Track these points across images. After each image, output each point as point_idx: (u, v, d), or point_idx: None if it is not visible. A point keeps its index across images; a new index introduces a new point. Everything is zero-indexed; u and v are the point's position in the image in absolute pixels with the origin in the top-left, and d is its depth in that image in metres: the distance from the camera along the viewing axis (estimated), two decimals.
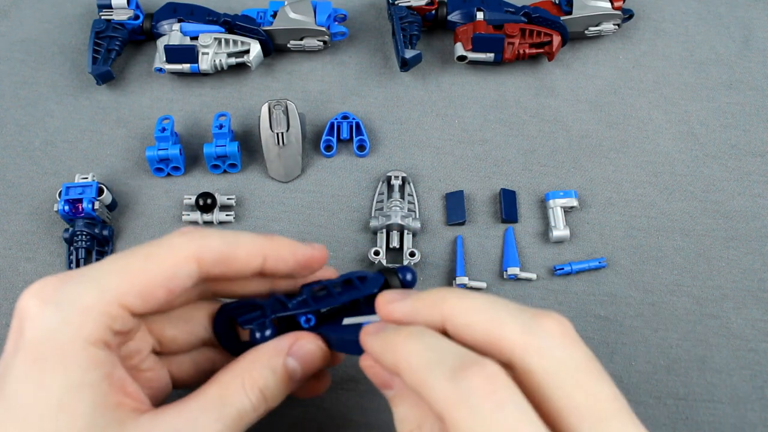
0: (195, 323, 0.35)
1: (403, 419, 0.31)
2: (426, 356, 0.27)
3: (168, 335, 0.34)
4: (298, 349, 0.33)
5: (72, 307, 0.29)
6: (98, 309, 0.29)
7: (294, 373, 0.33)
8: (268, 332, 0.34)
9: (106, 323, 0.29)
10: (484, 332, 0.28)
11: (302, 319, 0.35)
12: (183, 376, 0.36)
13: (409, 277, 0.37)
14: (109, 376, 0.29)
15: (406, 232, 0.49)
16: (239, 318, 0.35)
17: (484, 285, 0.48)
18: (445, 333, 0.29)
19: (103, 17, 0.57)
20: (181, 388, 0.36)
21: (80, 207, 0.48)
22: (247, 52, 0.55)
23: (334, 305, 0.35)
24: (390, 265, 0.37)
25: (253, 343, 0.34)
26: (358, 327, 0.33)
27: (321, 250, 0.35)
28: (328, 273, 0.38)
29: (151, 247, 0.32)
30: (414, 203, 0.51)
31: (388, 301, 0.31)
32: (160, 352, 0.35)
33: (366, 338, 0.31)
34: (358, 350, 0.32)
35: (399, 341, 0.29)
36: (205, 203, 0.50)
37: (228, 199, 0.51)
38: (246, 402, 0.31)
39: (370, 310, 0.33)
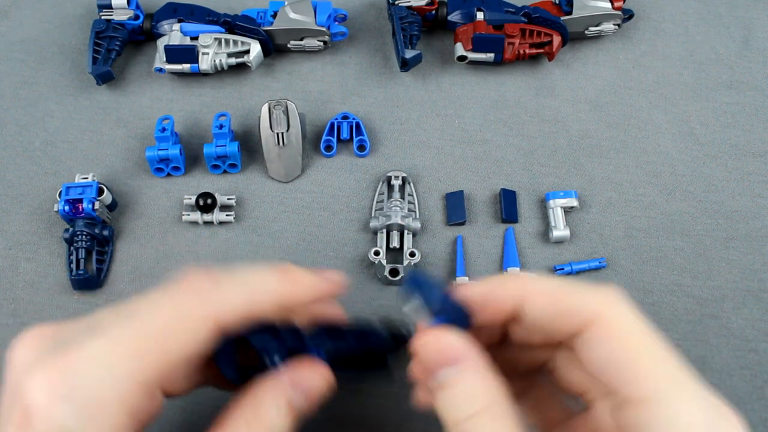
0: (199, 369, 0.34)
1: (469, 396, 0.28)
2: (556, 279, 0.29)
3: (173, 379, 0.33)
4: (302, 382, 0.31)
5: (89, 403, 0.26)
6: (117, 401, 0.26)
7: (299, 406, 0.31)
8: (279, 360, 0.32)
9: (126, 411, 0.26)
10: (562, 295, 0.29)
11: (313, 352, 0.33)
12: (174, 389, 0.34)
13: (404, 331, 0.36)
14: None
15: (406, 232, 0.49)
16: (252, 338, 0.33)
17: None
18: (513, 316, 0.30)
19: (103, 17, 0.57)
20: (169, 398, 0.35)
21: (80, 207, 0.48)
22: (247, 52, 0.55)
23: (350, 349, 0.34)
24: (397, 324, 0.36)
25: (257, 367, 0.32)
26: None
27: (336, 283, 0.33)
28: (336, 311, 0.37)
29: (162, 315, 0.28)
30: (414, 203, 0.51)
31: (462, 285, 0.31)
32: None
33: (466, 288, 0.31)
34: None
35: (519, 275, 0.32)
36: (205, 203, 0.50)
37: (228, 199, 0.51)
38: None
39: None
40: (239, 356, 0.34)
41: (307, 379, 0.31)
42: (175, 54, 0.54)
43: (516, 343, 0.33)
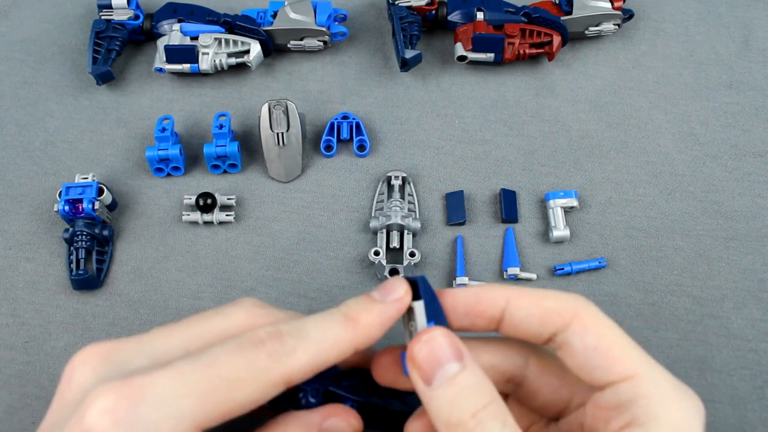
0: None
1: (473, 393, 0.28)
2: (533, 288, 0.32)
3: None
4: (330, 426, 0.31)
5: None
6: None
7: None
8: (314, 400, 0.32)
9: None
10: (546, 296, 0.31)
11: (347, 403, 0.33)
12: None
13: None
14: None
15: (406, 232, 0.49)
16: None
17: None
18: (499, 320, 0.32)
19: (103, 17, 0.57)
20: None
21: (80, 207, 0.48)
22: (247, 52, 0.55)
23: (379, 405, 0.34)
24: None
25: (288, 397, 0.32)
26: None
27: (402, 299, 0.32)
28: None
29: (236, 368, 0.28)
30: (414, 203, 0.51)
31: (448, 290, 0.32)
32: None
33: (453, 291, 0.32)
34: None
35: (503, 285, 0.32)
36: (205, 203, 0.50)
37: (228, 199, 0.51)
38: None
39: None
40: None
41: (338, 425, 0.31)
42: (175, 54, 0.54)
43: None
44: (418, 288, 0.31)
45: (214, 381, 0.27)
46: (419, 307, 0.31)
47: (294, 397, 0.32)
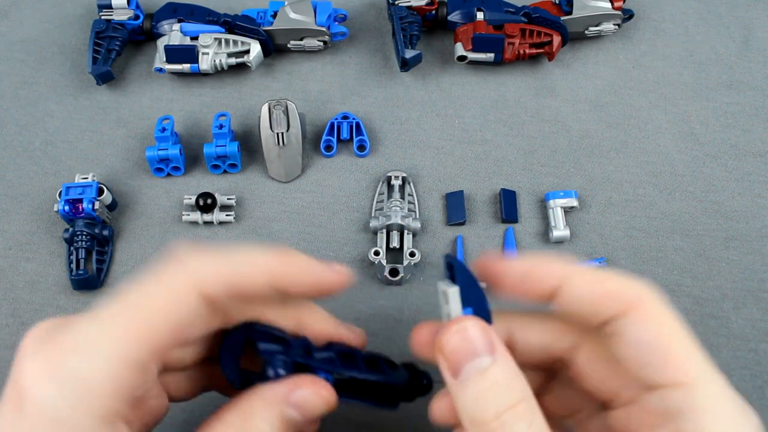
0: (202, 343, 0.33)
1: (504, 389, 0.27)
2: (592, 269, 0.29)
3: (174, 357, 0.32)
4: (298, 397, 0.30)
5: (78, 387, 0.26)
6: (106, 383, 0.26)
7: (293, 421, 0.30)
8: (282, 371, 0.31)
9: (115, 395, 0.26)
10: (606, 278, 0.29)
11: (320, 374, 0.32)
12: (177, 393, 0.34)
13: (425, 381, 0.35)
14: None
15: (406, 232, 0.49)
16: (260, 343, 0.32)
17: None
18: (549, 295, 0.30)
19: (103, 17, 0.57)
20: (175, 402, 0.34)
21: (80, 207, 0.48)
22: (247, 52, 0.55)
23: (357, 377, 0.32)
24: (413, 365, 0.35)
25: (259, 375, 0.31)
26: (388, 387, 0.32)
27: (340, 273, 0.31)
28: (355, 337, 0.35)
29: (149, 289, 0.28)
30: (414, 203, 0.51)
31: (498, 259, 0.31)
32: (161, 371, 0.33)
33: (501, 262, 0.30)
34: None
35: (562, 260, 0.29)
36: (205, 203, 0.50)
37: (228, 199, 0.51)
38: None
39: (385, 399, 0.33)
40: (245, 361, 0.33)
41: (306, 397, 0.30)
42: (175, 54, 0.54)
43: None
44: (455, 272, 0.30)
45: (129, 314, 0.27)
46: (454, 293, 0.29)
47: (263, 373, 0.31)
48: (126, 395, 0.27)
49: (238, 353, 0.32)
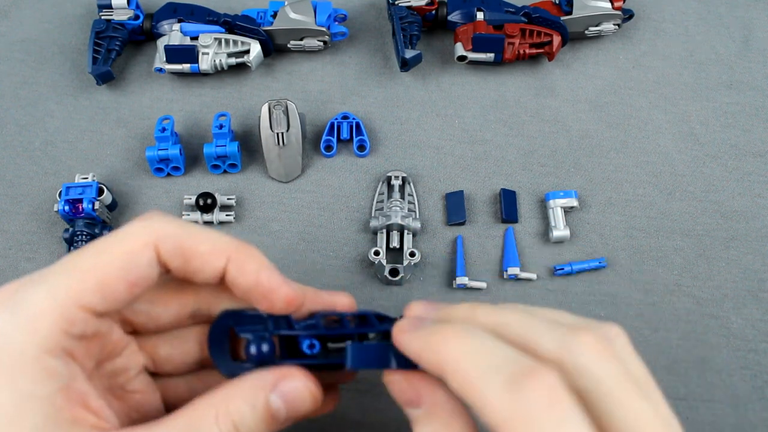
0: (191, 343, 0.33)
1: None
2: (479, 359, 0.25)
3: (162, 353, 0.32)
4: (285, 386, 0.29)
5: (26, 313, 0.27)
6: (52, 313, 0.27)
7: (277, 412, 0.29)
8: (265, 347, 0.31)
9: (62, 328, 0.27)
10: (473, 391, 0.25)
11: (305, 344, 0.32)
12: (177, 400, 0.33)
13: None
14: (66, 388, 0.27)
15: (406, 232, 0.49)
16: (238, 326, 0.32)
17: (484, 285, 0.48)
18: None
19: (103, 17, 0.57)
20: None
21: (80, 207, 0.48)
22: (247, 52, 0.55)
23: (344, 333, 0.32)
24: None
25: (246, 362, 0.31)
26: (382, 337, 0.31)
27: (295, 291, 0.31)
28: (344, 300, 0.34)
29: (106, 239, 0.29)
30: (414, 203, 0.51)
31: (416, 310, 0.30)
32: (154, 373, 0.33)
33: (401, 336, 0.29)
34: (383, 362, 0.30)
35: (446, 339, 0.26)
36: (205, 203, 0.50)
37: (228, 199, 0.51)
38: None
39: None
40: (236, 352, 0.33)
41: (294, 387, 0.30)
42: (175, 54, 0.54)
43: None
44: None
45: (85, 254, 0.29)
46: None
47: (248, 353, 0.31)
48: (74, 331, 0.27)
49: (225, 343, 0.32)
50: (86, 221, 0.48)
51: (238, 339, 0.33)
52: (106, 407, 0.29)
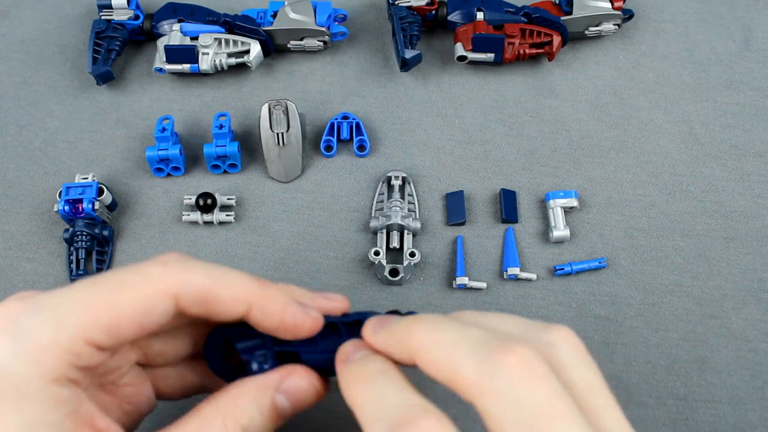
0: (184, 338, 0.33)
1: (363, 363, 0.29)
2: (451, 338, 0.26)
3: (155, 349, 0.33)
4: (289, 385, 0.30)
5: (29, 343, 0.26)
6: (58, 345, 0.26)
7: (283, 410, 0.30)
8: (267, 366, 0.31)
9: (68, 360, 0.27)
10: (445, 371, 0.26)
11: (305, 357, 0.32)
12: (168, 389, 0.34)
13: None
14: (74, 413, 0.27)
15: (406, 232, 0.49)
16: (237, 343, 0.32)
17: (484, 285, 0.48)
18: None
19: (103, 17, 0.57)
20: (166, 400, 0.35)
21: (80, 207, 0.48)
22: (247, 52, 0.55)
23: (341, 342, 0.32)
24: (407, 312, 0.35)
25: (246, 372, 0.32)
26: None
27: (316, 319, 0.31)
28: (340, 304, 0.34)
29: (125, 275, 0.28)
30: (414, 203, 0.51)
31: (369, 331, 0.31)
32: (145, 364, 0.33)
33: (370, 334, 0.30)
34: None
35: (417, 327, 0.28)
36: (205, 203, 0.50)
37: (228, 199, 0.51)
38: None
39: None
40: (232, 357, 0.33)
41: (297, 384, 0.30)
42: (175, 54, 0.54)
43: None
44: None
45: (99, 285, 0.28)
46: None
47: (248, 368, 0.32)
48: (78, 362, 0.27)
49: (221, 352, 0.32)
50: (86, 221, 0.48)
51: (232, 349, 0.33)
52: (112, 424, 0.29)
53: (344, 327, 0.33)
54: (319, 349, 0.32)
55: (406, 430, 0.25)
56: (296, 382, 0.30)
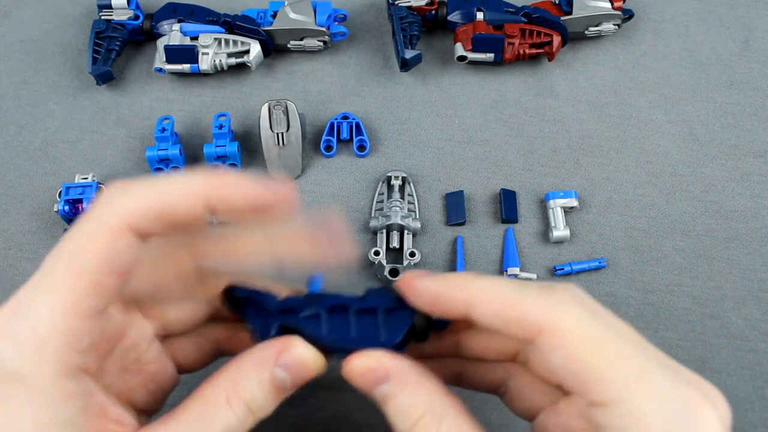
0: (197, 301, 0.33)
1: (408, 407, 0.29)
2: (507, 284, 0.29)
3: (172, 318, 0.32)
4: (286, 358, 0.30)
5: (28, 341, 0.26)
6: (57, 334, 0.26)
7: (283, 383, 0.30)
8: (273, 334, 0.32)
9: (71, 347, 0.26)
10: (509, 305, 0.28)
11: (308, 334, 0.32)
12: (188, 361, 0.34)
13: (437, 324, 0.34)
14: (86, 407, 0.27)
15: (406, 232, 0.49)
16: (245, 312, 0.33)
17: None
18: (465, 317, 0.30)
19: (103, 17, 0.57)
20: (187, 373, 0.35)
21: (80, 207, 0.48)
22: (247, 52, 0.55)
23: (346, 338, 0.31)
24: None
25: (253, 339, 0.32)
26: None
27: (284, 186, 0.30)
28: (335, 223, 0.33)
29: (78, 233, 0.27)
30: (414, 203, 0.51)
31: (414, 277, 0.31)
32: (163, 336, 0.33)
33: (417, 280, 0.30)
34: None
35: (469, 279, 0.29)
36: None
37: None
38: (231, 418, 0.28)
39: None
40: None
41: (296, 358, 0.30)
42: (175, 54, 0.54)
43: (472, 358, 0.34)
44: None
45: (65, 257, 0.27)
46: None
47: (253, 336, 0.32)
48: (83, 345, 0.27)
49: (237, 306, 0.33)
50: None
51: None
52: (124, 412, 0.29)
53: (355, 314, 0.32)
54: (324, 328, 0.31)
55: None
56: (293, 354, 0.30)
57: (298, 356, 0.30)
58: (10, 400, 0.26)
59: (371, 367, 0.30)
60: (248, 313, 0.32)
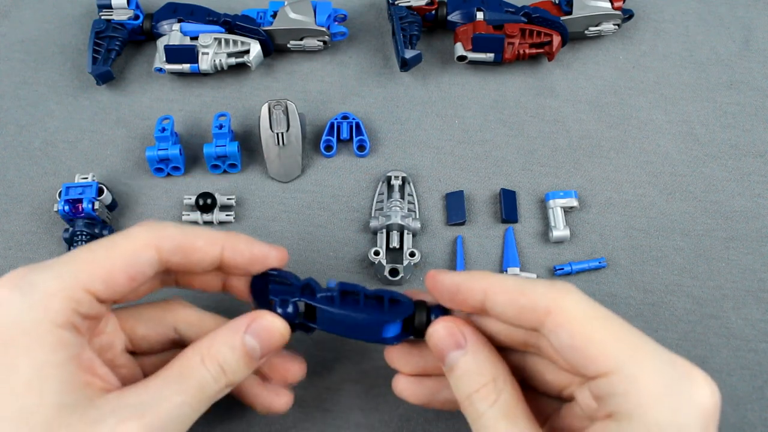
0: (165, 325, 0.38)
1: (474, 374, 0.33)
2: (518, 279, 0.33)
3: (139, 333, 0.37)
4: (256, 326, 0.35)
5: (37, 293, 0.31)
6: (63, 293, 0.31)
7: (253, 350, 0.34)
8: (289, 310, 0.36)
9: (71, 307, 0.31)
10: (521, 293, 0.32)
11: (321, 312, 0.36)
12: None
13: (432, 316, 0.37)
14: (77, 357, 0.31)
15: (406, 232, 0.49)
16: (271, 285, 0.37)
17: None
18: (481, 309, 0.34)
19: (103, 17, 0.57)
20: None
21: (80, 207, 0.48)
22: (247, 52, 0.55)
23: (356, 315, 0.36)
24: (422, 299, 0.38)
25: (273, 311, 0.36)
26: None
27: (279, 250, 0.37)
28: (276, 253, 0.38)
29: (113, 237, 0.34)
30: (414, 203, 0.51)
31: (438, 272, 0.35)
32: (133, 352, 0.37)
33: (440, 275, 0.35)
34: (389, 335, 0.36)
35: (487, 273, 0.34)
36: (205, 203, 0.50)
37: (228, 199, 0.51)
38: (206, 374, 0.33)
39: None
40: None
41: (263, 326, 0.35)
42: (175, 54, 0.54)
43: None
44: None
45: (93, 247, 0.34)
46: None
47: (273, 307, 0.36)
48: (80, 309, 0.32)
49: (263, 291, 0.37)
50: (86, 221, 0.48)
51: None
52: (109, 373, 0.33)
53: (364, 297, 0.37)
54: (336, 305, 0.36)
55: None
56: (261, 323, 0.35)
57: (265, 325, 0.35)
58: (12, 343, 0.30)
59: (453, 331, 0.34)
60: (272, 289, 0.37)
